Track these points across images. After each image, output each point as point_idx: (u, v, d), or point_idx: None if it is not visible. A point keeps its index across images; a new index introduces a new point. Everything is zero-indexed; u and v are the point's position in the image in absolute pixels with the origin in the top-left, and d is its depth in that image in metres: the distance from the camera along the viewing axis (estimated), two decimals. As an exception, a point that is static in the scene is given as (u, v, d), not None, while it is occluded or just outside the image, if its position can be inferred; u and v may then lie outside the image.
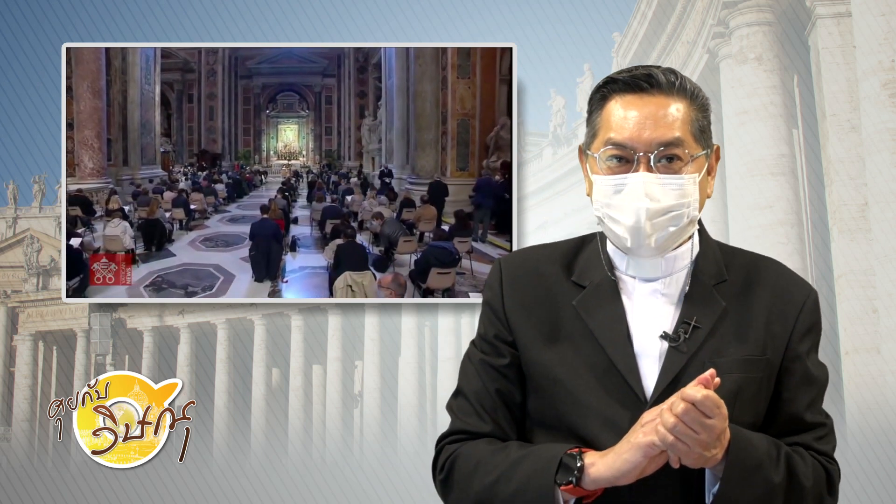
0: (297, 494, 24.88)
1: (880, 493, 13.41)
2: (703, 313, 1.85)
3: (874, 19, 14.95)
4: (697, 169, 1.86)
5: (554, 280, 1.92)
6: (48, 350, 37.40)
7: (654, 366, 1.83)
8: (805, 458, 1.85)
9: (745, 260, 1.94)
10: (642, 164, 1.82)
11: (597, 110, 1.89)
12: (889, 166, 14.63)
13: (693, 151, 1.85)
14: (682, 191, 1.83)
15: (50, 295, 36.23)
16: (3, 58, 43.42)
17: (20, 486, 26.09)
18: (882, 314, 14.75)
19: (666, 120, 1.83)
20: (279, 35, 41.25)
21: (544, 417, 1.88)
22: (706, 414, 1.67)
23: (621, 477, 1.73)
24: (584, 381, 1.84)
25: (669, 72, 1.87)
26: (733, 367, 1.83)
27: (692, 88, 1.88)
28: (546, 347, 1.88)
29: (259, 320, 33.98)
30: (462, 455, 1.89)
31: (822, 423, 1.91)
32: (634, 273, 1.89)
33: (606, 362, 1.84)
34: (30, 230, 40.70)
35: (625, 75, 1.87)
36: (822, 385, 1.92)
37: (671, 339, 1.83)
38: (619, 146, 1.84)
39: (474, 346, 2.00)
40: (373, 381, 32.85)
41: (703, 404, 1.66)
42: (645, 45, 24.03)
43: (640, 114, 1.84)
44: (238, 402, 34.38)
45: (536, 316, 1.90)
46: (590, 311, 1.87)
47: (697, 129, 1.86)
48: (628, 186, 1.82)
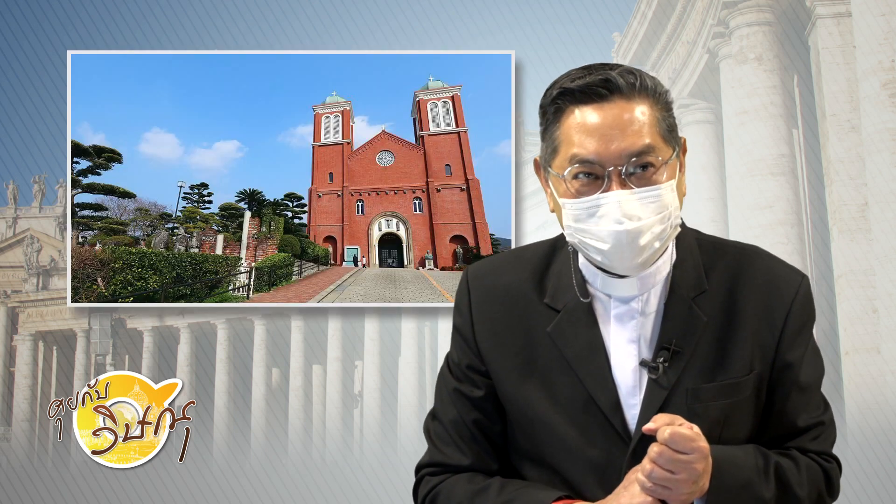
0: (297, 494, 24.88)
1: (880, 493, 13.41)
2: (683, 332, 1.72)
3: (874, 19, 14.95)
4: (672, 173, 1.70)
5: (526, 303, 1.79)
6: (48, 350, 37.40)
7: (635, 398, 1.72)
8: (799, 462, 1.75)
9: (728, 259, 1.79)
10: (614, 179, 1.66)
11: (553, 124, 1.72)
12: (889, 166, 14.63)
13: (665, 156, 1.69)
14: (660, 202, 1.67)
15: (50, 295, 36.25)
16: (3, 59, 43.44)
17: (20, 486, 26.09)
18: (882, 314, 14.74)
19: (633, 127, 1.66)
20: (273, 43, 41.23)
21: (527, 453, 1.79)
22: (681, 451, 1.56)
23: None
24: (563, 418, 1.73)
25: (627, 72, 1.70)
26: (719, 393, 1.72)
27: (653, 86, 1.71)
28: (521, 381, 1.77)
29: (259, 320, 33.98)
30: (442, 494, 1.80)
31: (818, 423, 1.80)
32: (609, 292, 1.75)
33: (585, 397, 1.72)
34: (30, 230, 40.70)
35: (578, 83, 1.68)
36: (817, 383, 1.82)
37: (651, 369, 1.71)
38: (586, 162, 1.67)
39: (449, 370, 1.89)
40: (373, 381, 32.85)
41: (674, 442, 1.56)
42: (645, 45, 24.03)
43: (603, 124, 1.66)
44: (238, 402, 34.38)
45: (509, 345, 1.78)
46: (566, 339, 1.75)
47: (665, 130, 1.70)
48: (603, 208, 1.65)
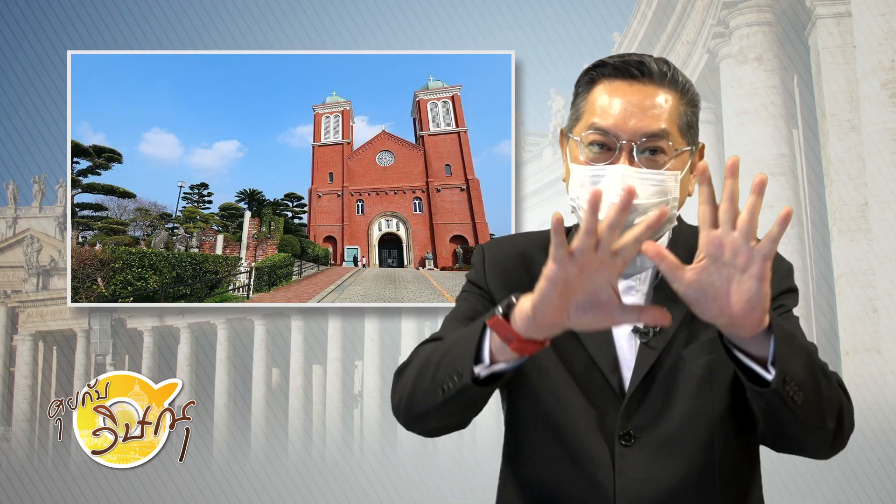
0: (297, 494, 24.89)
1: (880, 493, 13.42)
2: (673, 302, 1.68)
3: (874, 19, 14.95)
4: (681, 165, 1.77)
5: (538, 266, 1.76)
6: (48, 350, 37.41)
7: (631, 360, 1.78)
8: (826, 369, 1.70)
9: None
10: (624, 153, 1.73)
11: (583, 93, 1.81)
12: (889, 166, 14.63)
13: (678, 146, 1.76)
14: (661, 187, 1.73)
15: (50, 295, 36.26)
16: (3, 59, 43.46)
17: (20, 486, 26.10)
18: (882, 314, 14.75)
19: (653, 110, 1.74)
20: (273, 43, 41.26)
21: (525, 410, 1.83)
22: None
23: (539, 311, 1.52)
24: (566, 376, 1.80)
25: (662, 62, 1.78)
26: (702, 349, 1.76)
27: (684, 81, 1.79)
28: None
29: (259, 320, 33.99)
30: (424, 346, 1.84)
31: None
32: None
33: (587, 359, 1.79)
34: (30, 230, 40.72)
35: (616, 60, 1.78)
36: (811, 344, 1.75)
37: (642, 335, 1.78)
38: (602, 132, 1.75)
39: (446, 322, 1.91)
40: (373, 381, 32.87)
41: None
42: (645, 45, 24.03)
43: (627, 101, 1.75)
44: (238, 402, 34.39)
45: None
46: None
47: (685, 124, 1.78)
48: (605, 179, 1.73)
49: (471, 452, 28.23)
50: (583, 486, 1.77)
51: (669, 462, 1.75)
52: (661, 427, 1.76)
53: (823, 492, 13.98)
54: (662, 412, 1.76)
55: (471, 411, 1.74)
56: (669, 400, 1.76)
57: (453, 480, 24.65)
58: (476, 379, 1.63)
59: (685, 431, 1.76)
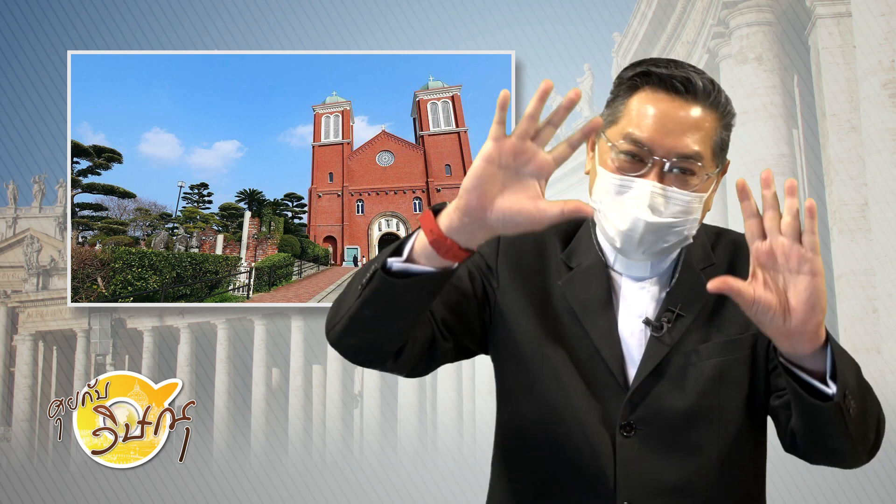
0: (297, 494, 24.88)
1: (880, 493, 13.41)
2: (689, 299, 1.78)
3: (874, 19, 14.95)
4: (707, 187, 1.76)
5: (549, 255, 1.86)
6: (48, 350, 37.41)
7: (637, 354, 1.78)
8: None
9: (728, 238, 1.87)
10: (655, 169, 1.72)
11: (623, 96, 1.77)
12: (889, 166, 14.64)
13: (709, 170, 1.75)
14: (686, 208, 1.72)
15: (50, 295, 36.26)
16: (3, 59, 43.46)
17: (20, 486, 26.10)
18: (882, 314, 14.75)
19: (691, 132, 1.72)
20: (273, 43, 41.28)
21: (526, 394, 1.82)
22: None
23: (467, 192, 1.48)
24: (569, 364, 1.79)
25: (707, 80, 1.75)
26: (715, 351, 1.77)
27: (725, 102, 1.77)
28: (538, 320, 1.81)
29: (259, 320, 33.99)
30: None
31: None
32: (622, 270, 1.82)
33: (591, 349, 1.79)
34: (30, 230, 40.72)
35: (662, 71, 1.74)
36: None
37: (654, 328, 1.78)
38: (637, 143, 1.72)
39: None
40: (373, 381, 32.86)
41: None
42: (645, 45, 24.04)
43: (666, 117, 1.72)
44: (238, 402, 34.39)
45: (529, 285, 1.84)
46: (576, 293, 1.81)
47: (718, 146, 1.77)
48: (632, 191, 1.72)
49: (471, 452, 28.22)
50: (583, 474, 1.77)
51: (671, 456, 1.75)
52: (664, 421, 1.76)
53: (823, 492, 13.99)
54: (667, 407, 1.76)
55: (389, 327, 1.65)
56: (675, 396, 1.76)
57: (453, 480, 24.64)
58: (388, 270, 1.57)
59: (688, 428, 1.77)
